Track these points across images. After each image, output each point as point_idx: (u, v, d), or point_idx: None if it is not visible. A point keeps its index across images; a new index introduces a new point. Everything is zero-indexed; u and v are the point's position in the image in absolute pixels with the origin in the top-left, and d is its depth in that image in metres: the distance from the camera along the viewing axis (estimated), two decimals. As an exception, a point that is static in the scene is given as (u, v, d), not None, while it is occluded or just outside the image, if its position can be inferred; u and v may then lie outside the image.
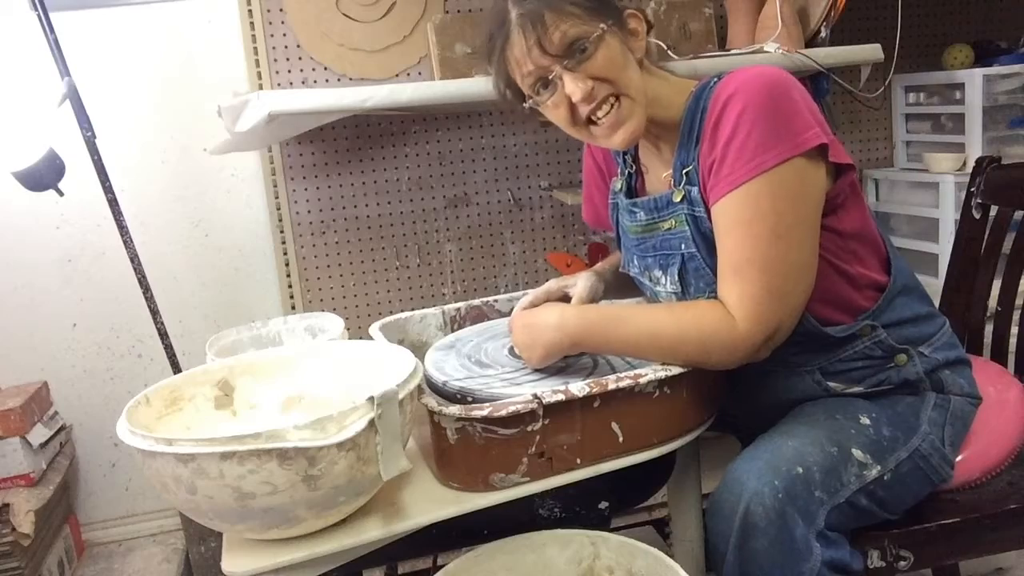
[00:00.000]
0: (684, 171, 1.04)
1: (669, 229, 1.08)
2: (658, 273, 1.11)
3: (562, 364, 1.09)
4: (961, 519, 1.07)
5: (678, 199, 1.05)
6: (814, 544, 0.94)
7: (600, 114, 1.02)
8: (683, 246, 1.06)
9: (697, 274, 1.05)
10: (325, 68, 1.90)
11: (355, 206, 1.98)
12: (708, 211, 1.01)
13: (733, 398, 1.12)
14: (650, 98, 1.04)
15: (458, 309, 1.34)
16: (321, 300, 1.99)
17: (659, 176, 1.13)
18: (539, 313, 1.09)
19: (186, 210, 1.92)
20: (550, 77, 1.01)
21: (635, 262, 1.17)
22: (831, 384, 1.09)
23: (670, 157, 1.09)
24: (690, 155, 1.04)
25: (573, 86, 1.00)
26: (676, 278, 1.08)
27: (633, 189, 1.20)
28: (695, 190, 1.03)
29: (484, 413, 0.90)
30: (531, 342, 1.07)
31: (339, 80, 1.92)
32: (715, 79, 1.02)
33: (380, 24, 1.91)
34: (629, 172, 1.19)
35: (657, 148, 1.12)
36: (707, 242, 1.03)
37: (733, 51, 1.83)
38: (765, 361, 0.99)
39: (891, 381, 1.08)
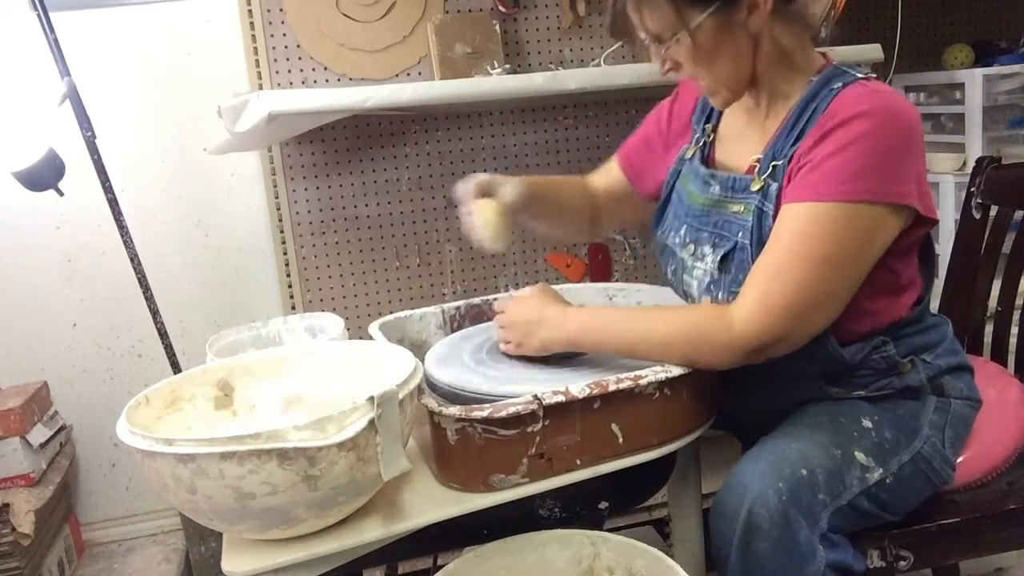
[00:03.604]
0: (772, 163, 1.02)
1: (736, 213, 1.05)
2: (707, 249, 1.08)
3: (562, 364, 1.09)
4: (961, 520, 1.07)
5: (756, 188, 1.03)
6: (817, 546, 0.94)
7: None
8: (740, 234, 1.04)
9: (740, 266, 1.03)
10: (325, 68, 1.90)
11: (355, 206, 1.98)
12: (777, 211, 1.00)
13: (734, 399, 1.12)
14: (775, 56, 1.03)
15: (457, 308, 1.33)
16: (321, 300, 1.99)
17: (736, 147, 1.11)
18: (541, 309, 1.09)
19: (186, 210, 1.92)
20: (645, 42, 1.04)
21: (683, 232, 1.13)
22: (833, 389, 1.08)
23: (760, 130, 1.07)
24: (785, 148, 1.02)
25: (657, 62, 1.05)
26: (719, 260, 1.06)
27: (706, 158, 1.16)
28: (775, 186, 1.01)
29: (484, 414, 0.90)
30: (524, 335, 1.08)
31: (339, 80, 1.91)
32: (839, 83, 0.99)
33: (380, 24, 1.91)
34: (706, 140, 1.16)
35: (751, 114, 1.10)
36: (761, 239, 1.01)
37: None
38: (767, 365, 0.99)
39: (893, 387, 1.08)
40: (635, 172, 1.29)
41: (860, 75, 1.01)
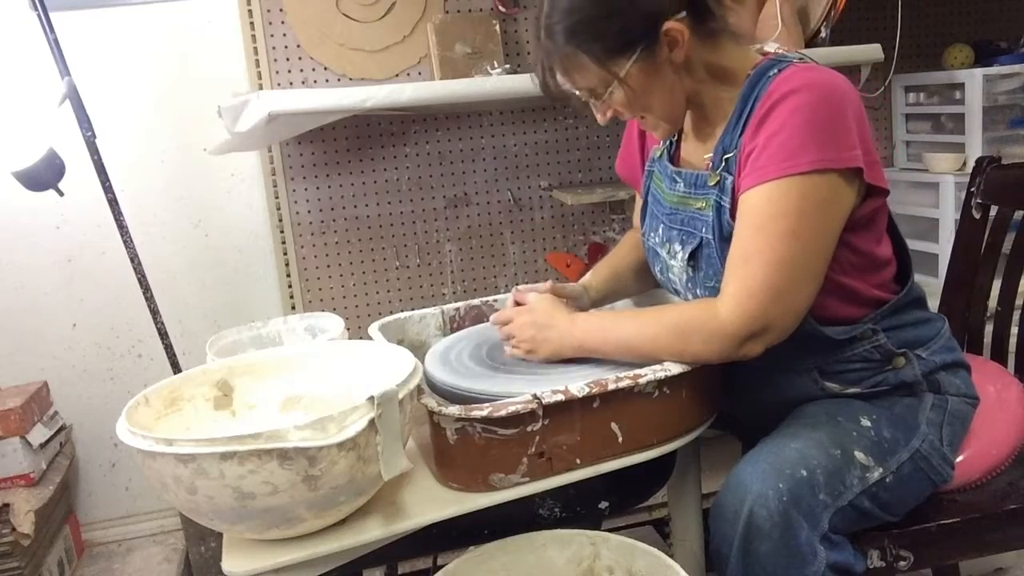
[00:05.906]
0: (724, 156, 1.04)
1: (699, 209, 1.07)
2: (677, 247, 1.11)
3: (562, 364, 1.09)
4: (961, 519, 1.07)
5: (712, 183, 1.05)
6: (818, 547, 0.94)
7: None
8: (704, 230, 1.06)
9: (708, 261, 1.06)
10: (325, 68, 1.90)
11: (355, 206, 1.98)
12: (735, 203, 1.01)
13: (731, 397, 1.12)
14: (708, 74, 1.06)
15: (457, 309, 1.34)
16: (321, 300, 1.99)
17: (694, 145, 1.14)
18: (550, 317, 1.10)
19: (186, 210, 1.92)
20: (582, 98, 1.07)
21: (660, 231, 1.16)
22: (828, 384, 1.09)
23: (712, 132, 1.09)
24: (734, 140, 1.03)
25: (598, 114, 1.08)
26: (687, 257, 1.08)
27: (673, 156, 1.19)
28: (730, 179, 1.03)
29: (484, 413, 0.90)
30: (536, 342, 1.09)
31: (339, 80, 1.91)
32: (775, 70, 1.02)
33: (380, 24, 1.91)
34: (671, 141, 1.19)
35: (705, 118, 1.11)
36: (723, 233, 1.03)
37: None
38: (762, 359, 0.99)
39: (888, 383, 1.08)
40: (633, 180, 1.32)
41: (795, 58, 1.04)
